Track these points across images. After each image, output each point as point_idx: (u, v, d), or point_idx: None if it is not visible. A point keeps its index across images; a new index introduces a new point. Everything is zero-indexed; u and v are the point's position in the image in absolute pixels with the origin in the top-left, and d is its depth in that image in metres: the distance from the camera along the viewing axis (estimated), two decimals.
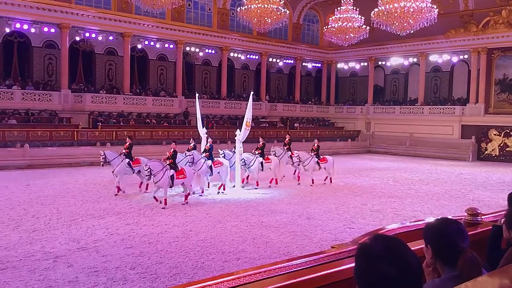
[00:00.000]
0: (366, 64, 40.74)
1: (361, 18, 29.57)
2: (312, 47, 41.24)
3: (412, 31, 25.78)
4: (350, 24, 29.27)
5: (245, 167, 16.68)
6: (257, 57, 38.19)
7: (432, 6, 24.58)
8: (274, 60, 39.98)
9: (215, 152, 16.77)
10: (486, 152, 32.08)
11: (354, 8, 29.49)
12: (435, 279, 2.22)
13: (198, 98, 20.46)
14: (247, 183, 17.45)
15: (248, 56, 37.90)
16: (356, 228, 10.96)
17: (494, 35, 31.65)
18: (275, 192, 16.14)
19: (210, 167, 15.42)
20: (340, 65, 42.81)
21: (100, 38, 29.73)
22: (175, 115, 31.93)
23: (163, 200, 12.90)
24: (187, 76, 35.61)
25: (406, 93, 40.64)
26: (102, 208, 12.59)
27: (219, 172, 15.71)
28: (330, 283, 2.89)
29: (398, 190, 17.37)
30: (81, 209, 12.43)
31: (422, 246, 2.43)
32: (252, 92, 18.14)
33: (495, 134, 31.77)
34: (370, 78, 40.30)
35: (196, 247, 9.06)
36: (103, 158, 15.03)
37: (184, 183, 13.58)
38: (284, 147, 19.47)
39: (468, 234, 2.36)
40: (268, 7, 25.30)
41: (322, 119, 41.20)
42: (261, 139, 18.34)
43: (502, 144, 31.53)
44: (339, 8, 29.88)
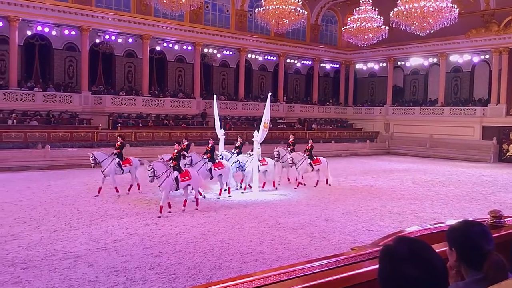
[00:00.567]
0: (385, 64, 40.39)
1: (380, 18, 29.36)
2: (330, 48, 41.06)
3: (432, 31, 25.49)
4: (369, 24, 29.08)
5: (239, 169, 16.18)
6: (274, 58, 38.17)
7: (453, 5, 24.26)
8: (292, 61, 39.90)
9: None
10: (507, 153, 31.48)
11: (373, 8, 29.29)
12: (459, 282, 2.18)
13: (216, 99, 20.54)
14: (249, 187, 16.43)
15: (265, 57, 37.90)
16: (375, 230, 10.86)
17: None
18: (292, 194, 16.09)
19: (210, 170, 14.70)
20: (359, 65, 42.51)
21: (119, 40, 30.09)
22: (193, 116, 32.10)
23: (164, 207, 12.15)
24: (205, 77, 35.78)
25: (426, 93, 40.15)
26: (121, 208, 12.71)
27: (221, 175, 15.02)
28: (350, 286, 2.86)
29: (417, 192, 17.16)
30: (101, 209, 12.58)
31: (443, 249, 2.39)
32: (270, 93, 18.01)
33: None
34: (389, 78, 39.92)
35: (214, 248, 9.08)
36: (93, 160, 14.80)
37: (190, 185, 12.88)
38: (288, 148, 18.60)
39: (492, 236, 2.31)
40: (286, 8, 25.29)
41: (340, 120, 40.95)
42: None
43: None
44: (357, 9, 29.72)
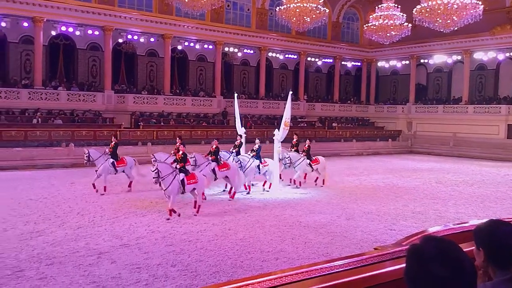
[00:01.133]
0: (407, 62, 39.91)
1: (402, 16, 29.04)
2: (352, 46, 40.75)
3: (456, 28, 25.07)
4: (392, 21, 28.80)
5: (241, 169, 15.54)
6: (295, 56, 38.07)
7: (477, 2, 23.84)
8: (313, 59, 39.73)
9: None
10: None
11: (396, 5, 28.98)
12: (487, 282, 2.14)
13: (237, 98, 20.59)
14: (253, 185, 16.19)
15: (286, 55, 37.83)
16: (397, 230, 10.74)
17: None
18: (313, 192, 16.03)
19: (213, 170, 14.17)
20: (381, 63, 42.09)
21: (142, 40, 30.42)
22: (214, 115, 32.26)
23: (174, 211, 11.62)
24: (225, 76, 35.93)
25: (450, 91, 39.53)
26: (143, 206, 12.86)
27: (226, 176, 14.45)
28: (373, 286, 2.83)
29: (441, 192, 16.90)
30: (123, 206, 12.74)
31: (469, 249, 2.34)
32: (291, 92, 17.92)
33: None
34: (412, 76, 39.42)
35: (235, 246, 9.11)
36: (86, 157, 14.92)
37: (195, 188, 12.12)
38: (292, 149, 17.92)
39: None
40: (307, 6, 25.20)
41: (361, 118, 40.62)
42: (257, 140, 16.77)
43: None
44: (380, 6, 29.46)
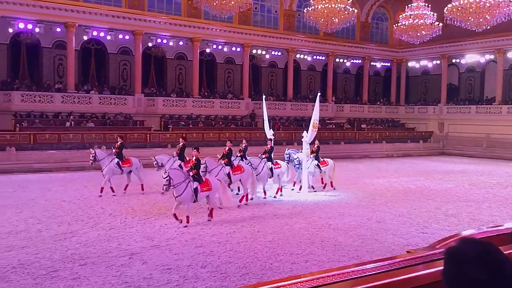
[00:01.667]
0: (439, 62, 39.14)
1: (433, 15, 28.55)
2: (381, 46, 40.25)
3: (488, 27, 24.47)
4: (422, 21, 28.36)
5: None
6: (323, 58, 37.84)
7: (510, 0, 23.18)
8: (341, 60, 39.40)
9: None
10: None
11: (426, 4, 28.52)
12: None
13: (265, 100, 20.60)
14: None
15: (314, 57, 37.66)
16: (430, 233, 10.54)
17: None
18: (342, 195, 15.89)
19: (228, 175, 13.58)
20: (411, 63, 41.42)
21: (171, 43, 30.81)
22: (242, 117, 32.36)
23: (184, 218, 10.97)
24: (253, 78, 36.02)
25: (483, 92, 38.54)
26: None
27: (240, 180, 13.92)
28: None
29: (474, 194, 16.51)
30: (154, 208, 12.91)
31: (506, 253, 2.28)
32: (319, 93, 17.78)
33: None
34: (443, 76, 38.63)
35: (264, 248, 9.11)
36: (92, 157, 14.95)
37: (209, 195, 11.55)
38: (301, 150, 17.06)
39: None
40: (336, 6, 25.04)
41: (391, 120, 40.04)
42: (269, 142, 16.20)
43: None
44: (410, 5, 29.03)
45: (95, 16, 26.91)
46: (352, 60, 40.07)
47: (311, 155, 16.55)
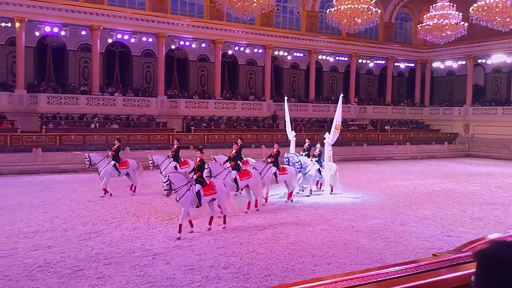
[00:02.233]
0: (464, 62, 38.41)
1: (458, 15, 28.09)
2: (405, 47, 39.74)
3: None
4: (447, 21, 27.94)
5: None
6: (346, 58, 37.57)
7: None
8: (364, 61, 39.04)
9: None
10: None
11: (451, 4, 28.05)
12: None
13: (287, 101, 20.56)
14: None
15: (336, 58, 37.39)
16: (455, 236, 10.36)
17: None
18: (365, 197, 15.73)
19: (235, 180, 12.78)
20: (436, 64, 40.76)
21: (193, 45, 31.02)
22: (264, 118, 32.37)
23: (188, 222, 10.49)
24: (275, 79, 36.00)
25: (509, 92, 37.64)
26: (195, 208, 13.03)
27: (247, 186, 13.11)
28: None
29: (500, 197, 16.15)
30: (176, 208, 12.93)
31: None
32: (341, 94, 17.57)
33: None
34: (468, 77, 37.89)
35: (286, 250, 9.09)
36: (88, 161, 15.06)
37: (216, 199, 10.83)
38: (303, 154, 16.55)
39: None
40: (359, 7, 24.83)
41: (415, 121, 39.48)
42: (276, 145, 15.28)
43: None
44: (434, 5, 28.61)
45: (119, 19, 27.29)
46: (375, 61, 39.67)
47: (313, 159, 16.08)
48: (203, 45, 31.45)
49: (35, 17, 25.19)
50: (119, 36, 28.68)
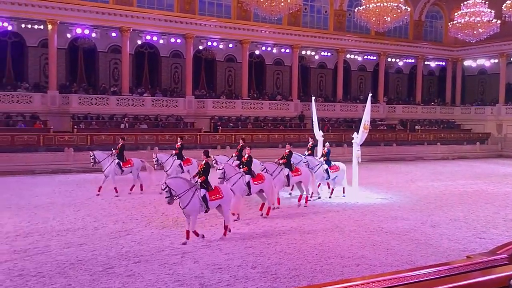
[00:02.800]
0: (496, 60, 37.43)
1: (490, 12, 27.42)
2: (435, 45, 38.98)
3: None
4: (479, 18, 27.30)
5: None
6: (375, 57, 37.12)
7: None
8: (393, 60, 38.48)
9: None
10: None
11: (483, 1, 27.41)
12: None
13: (314, 101, 20.43)
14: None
15: (365, 57, 36.97)
16: (488, 238, 10.11)
17: None
18: (395, 198, 15.51)
19: (248, 184, 11.95)
20: (467, 62, 39.84)
21: (221, 46, 31.19)
22: (291, 118, 32.28)
23: (192, 233, 9.69)
24: (302, 79, 35.86)
25: None
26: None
27: (260, 191, 12.26)
28: None
29: None
30: None
31: None
32: (370, 94, 17.27)
33: None
34: (501, 75, 36.89)
35: (314, 250, 9.04)
36: (92, 159, 15.26)
37: (220, 205, 10.10)
38: (306, 153, 15.96)
39: None
40: (388, 5, 24.50)
41: (446, 121, 38.70)
42: (288, 145, 14.48)
43: None
44: (465, 3, 27.99)
45: (148, 21, 27.66)
46: (404, 60, 39.05)
47: (322, 159, 15.44)
48: (230, 45, 31.59)
49: (67, 19, 25.75)
50: (148, 37, 29.07)
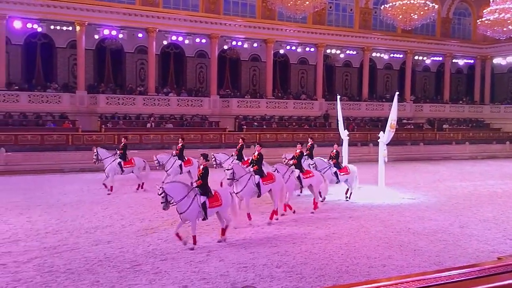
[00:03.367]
0: None
1: None
2: (464, 42, 38.19)
3: None
4: (509, 15, 26.57)
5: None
6: (401, 55, 36.59)
7: None
8: (420, 58, 37.87)
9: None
10: None
11: None
12: None
13: (339, 100, 20.26)
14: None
15: (391, 55, 36.47)
16: None
17: None
18: (422, 198, 15.27)
19: (258, 185, 11.21)
20: (497, 60, 38.90)
21: (245, 45, 31.24)
22: (315, 117, 32.12)
23: (191, 238, 9.21)
24: (327, 78, 35.65)
25: None
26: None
27: (270, 190, 11.55)
28: None
29: None
30: None
31: None
32: (397, 93, 16.99)
33: None
34: None
35: (340, 250, 8.97)
36: (95, 156, 15.49)
37: (218, 212, 9.60)
38: (305, 154, 14.98)
39: None
40: (415, 2, 24.12)
41: (475, 120, 37.88)
42: (298, 145, 13.61)
43: None
44: None
45: (174, 21, 27.92)
46: (432, 58, 38.39)
47: (330, 161, 14.64)
48: (255, 44, 31.61)
49: (95, 20, 26.21)
50: (174, 38, 29.34)
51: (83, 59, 26.35)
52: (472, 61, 39.73)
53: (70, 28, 26.48)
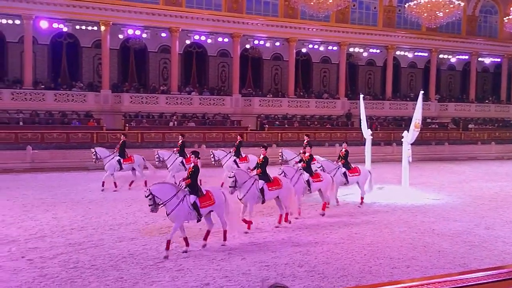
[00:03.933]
0: None
1: None
2: (490, 41, 37.37)
3: None
4: None
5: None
6: (426, 54, 36.04)
7: None
8: (445, 56, 37.20)
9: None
10: None
11: None
12: None
13: (363, 99, 20.08)
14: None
15: (415, 53, 35.95)
16: None
17: None
18: (447, 198, 15.03)
19: (261, 190, 10.62)
20: None
21: (267, 44, 31.21)
22: (338, 116, 31.92)
23: (182, 240, 9.03)
24: (350, 77, 35.31)
25: None
26: (269, 205, 13.06)
27: (278, 196, 10.95)
28: None
29: None
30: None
31: None
32: (422, 92, 16.71)
33: None
34: None
35: (362, 251, 8.91)
36: (94, 155, 15.72)
37: (213, 211, 9.23)
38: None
39: None
40: (440, 0, 23.74)
41: (501, 119, 37.05)
42: (308, 148, 13.21)
43: None
44: None
45: (197, 21, 28.09)
46: (457, 56, 37.65)
47: (339, 162, 14.02)
48: (277, 43, 31.55)
49: (119, 20, 26.57)
50: (196, 37, 29.51)
51: (108, 59, 26.75)
52: (498, 59, 38.86)
53: (95, 28, 26.89)
